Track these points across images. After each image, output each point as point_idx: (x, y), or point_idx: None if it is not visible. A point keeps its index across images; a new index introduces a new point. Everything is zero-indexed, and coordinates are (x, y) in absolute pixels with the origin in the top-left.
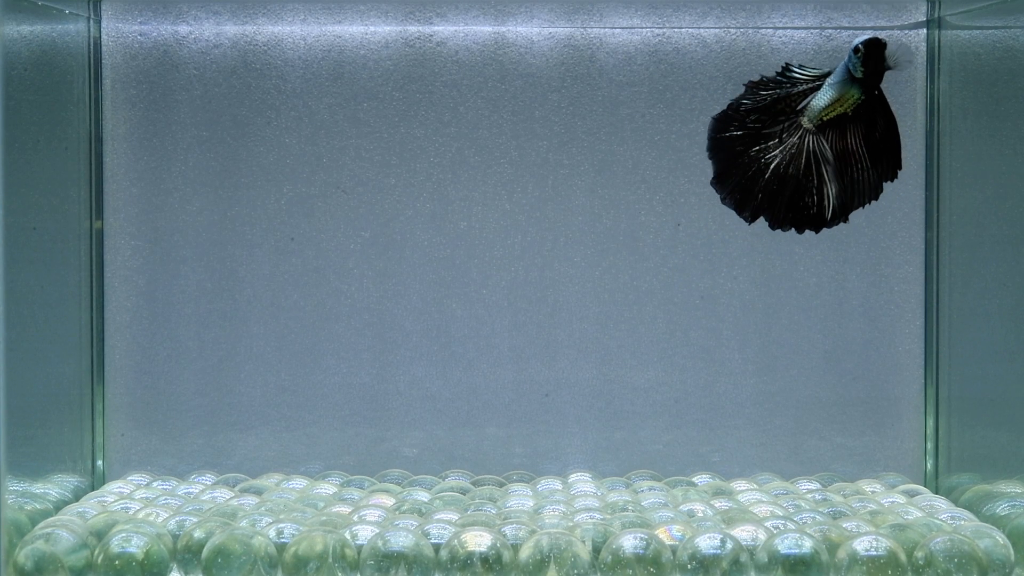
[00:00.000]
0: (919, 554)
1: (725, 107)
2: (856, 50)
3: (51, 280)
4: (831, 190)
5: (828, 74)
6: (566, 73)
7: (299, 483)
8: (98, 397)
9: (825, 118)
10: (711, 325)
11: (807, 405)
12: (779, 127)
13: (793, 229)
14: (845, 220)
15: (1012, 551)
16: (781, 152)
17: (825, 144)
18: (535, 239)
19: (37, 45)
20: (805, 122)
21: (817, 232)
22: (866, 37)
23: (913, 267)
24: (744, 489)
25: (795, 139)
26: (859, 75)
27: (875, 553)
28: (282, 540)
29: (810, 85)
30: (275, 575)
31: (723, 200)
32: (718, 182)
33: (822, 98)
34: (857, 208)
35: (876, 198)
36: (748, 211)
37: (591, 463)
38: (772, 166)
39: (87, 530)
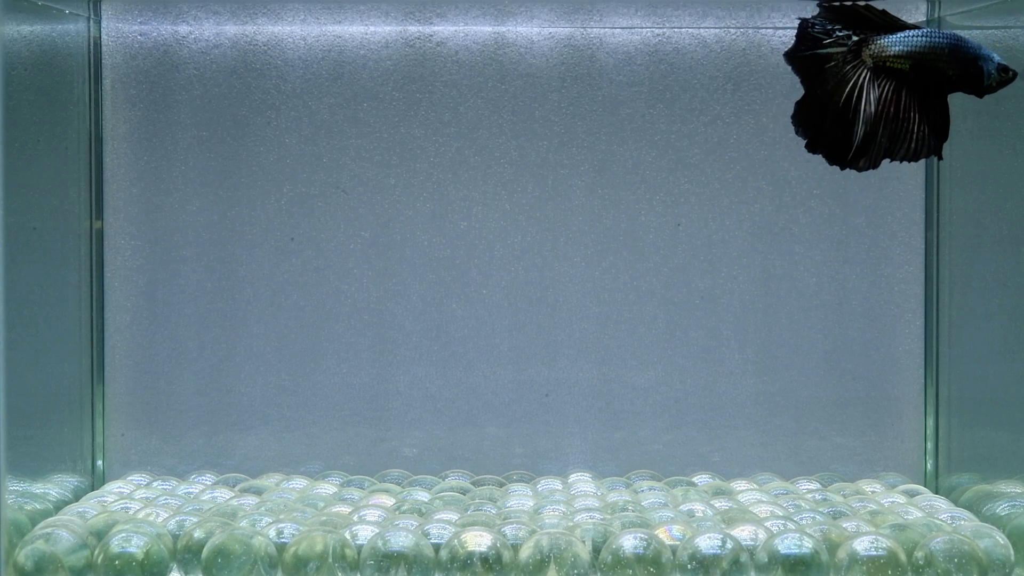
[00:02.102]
0: (919, 554)
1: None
2: (1008, 71)
3: (51, 280)
4: (859, 131)
5: (913, 26)
6: (566, 73)
7: (299, 483)
8: (98, 397)
9: (887, 64)
10: (711, 325)
11: (807, 405)
12: (840, 53)
13: (823, 157)
14: (858, 168)
15: (1012, 551)
16: (833, 77)
17: (875, 86)
18: (535, 239)
19: (37, 45)
20: (866, 56)
21: (842, 168)
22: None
23: (913, 267)
24: (744, 489)
25: (848, 68)
26: (987, 83)
27: (875, 553)
28: (282, 540)
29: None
30: (275, 575)
31: (793, 121)
32: (801, 105)
33: (899, 45)
34: (886, 158)
35: (908, 159)
36: (808, 135)
37: (591, 463)
38: (825, 91)
39: (87, 530)
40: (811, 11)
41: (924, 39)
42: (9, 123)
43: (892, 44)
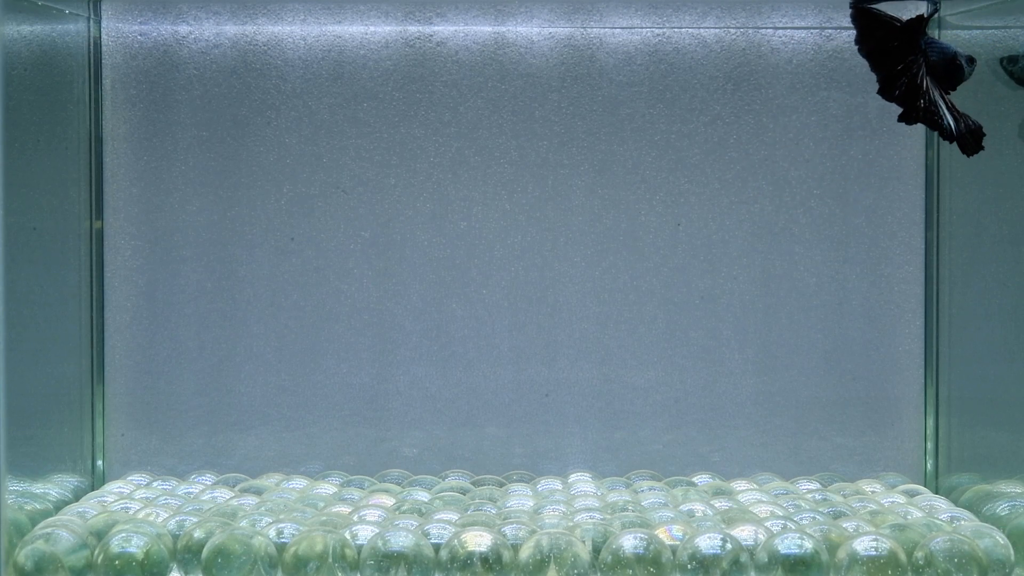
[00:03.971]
0: (919, 554)
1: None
2: (974, 61)
3: (51, 280)
4: (947, 117)
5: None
6: (566, 73)
7: (299, 483)
8: (98, 397)
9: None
10: (711, 325)
11: (807, 405)
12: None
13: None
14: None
15: (1012, 551)
16: (912, 72)
17: (931, 84)
18: (535, 239)
19: (37, 45)
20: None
21: (950, 143)
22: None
23: (913, 267)
24: (744, 489)
25: (911, 61)
26: (966, 76)
27: (875, 553)
28: (282, 540)
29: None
30: (275, 575)
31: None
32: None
33: (934, 54)
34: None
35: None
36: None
37: (591, 463)
38: (916, 76)
39: (87, 530)
40: (809, 19)
41: (940, 47)
42: (9, 123)
43: (931, 51)
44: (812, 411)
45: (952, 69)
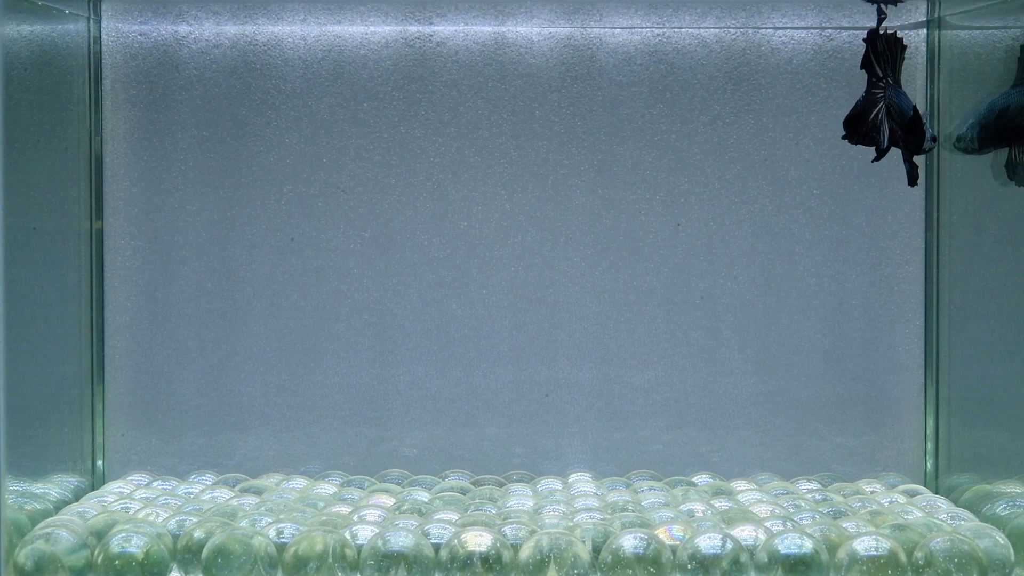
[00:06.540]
0: (919, 554)
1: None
2: (935, 139)
3: (51, 280)
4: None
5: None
6: (566, 73)
7: (299, 483)
8: (98, 397)
9: (890, 109)
10: (711, 325)
11: (807, 405)
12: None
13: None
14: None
15: (1012, 551)
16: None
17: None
18: (535, 239)
19: (37, 45)
20: (888, 96)
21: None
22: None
23: (913, 267)
24: (744, 489)
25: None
26: (925, 147)
27: (875, 553)
28: (282, 540)
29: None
30: (275, 575)
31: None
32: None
33: (900, 99)
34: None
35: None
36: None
37: (591, 463)
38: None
39: (87, 530)
40: (809, 19)
41: (906, 99)
42: (9, 123)
43: (897, 95)
44: (812, 411)
45: (912, 122)
